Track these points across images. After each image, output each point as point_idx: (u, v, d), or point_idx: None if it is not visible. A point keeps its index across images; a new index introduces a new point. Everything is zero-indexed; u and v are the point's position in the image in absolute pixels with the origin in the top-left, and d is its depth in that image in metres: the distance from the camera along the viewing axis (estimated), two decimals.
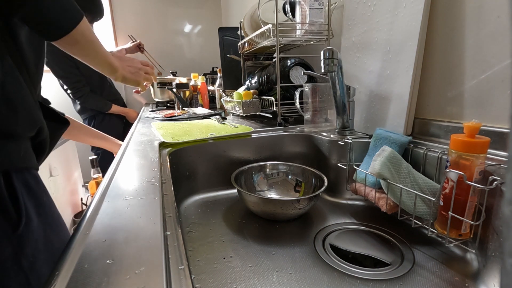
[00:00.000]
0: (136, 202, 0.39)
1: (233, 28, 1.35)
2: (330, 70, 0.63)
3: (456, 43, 0.56)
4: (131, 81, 0.71)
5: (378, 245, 0.52)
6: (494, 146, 0.48)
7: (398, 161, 0.54)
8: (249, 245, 0.53)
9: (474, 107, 0.53)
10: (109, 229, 0.32)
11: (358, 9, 0.75)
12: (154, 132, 0.88)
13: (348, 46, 0.80)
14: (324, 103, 0.83)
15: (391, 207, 0.53)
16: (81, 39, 0.51)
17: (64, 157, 1.45)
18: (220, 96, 1.51)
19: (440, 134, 0.60)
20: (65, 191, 1.41)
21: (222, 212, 0.66)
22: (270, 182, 0.74)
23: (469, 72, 0.54)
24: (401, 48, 0.63)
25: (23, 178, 0.45)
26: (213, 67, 2.10)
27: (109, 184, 0.46)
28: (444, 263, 0.46)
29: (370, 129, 0.73)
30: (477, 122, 0.40)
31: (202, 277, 0.44)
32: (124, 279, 0.24)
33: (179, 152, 0.70)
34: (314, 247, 0.52)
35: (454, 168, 0.42)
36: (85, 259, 0.27)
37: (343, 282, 0.43)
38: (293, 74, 0.91)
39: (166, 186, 0.46)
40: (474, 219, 0.42)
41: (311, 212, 0.65)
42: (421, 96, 0.64)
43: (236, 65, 1.33)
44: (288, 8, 0.94)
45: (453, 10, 0.56)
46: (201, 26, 2.81)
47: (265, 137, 0.80)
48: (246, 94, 1.01)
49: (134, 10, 2.58)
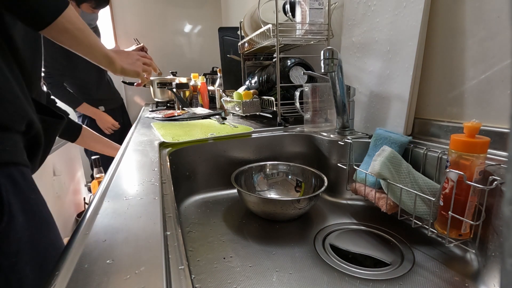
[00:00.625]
0: (136, 202, 0.39)
1: (233, 28, 1.35)
2: (330, 70, 0.63)
3: (456, 43, 0.56)
4: (130, 72, 0.70)
5: (378, 245, 0.52)
6: (494, 146, 0.48)
7: (398, 161, 0.54)
8: (249, 245, 0.53)
9: (474, 107, 0.53)
10: (109, 229, 0.32)
11: (358, 9, 0.75)
12: (154, 132, 0.88)
13: (348, 46, 0.80)
14: (324, 103, 0.83)
15: (391, 207, 0.53)
16: (70, 27, 0.51)
17: (67, 157, 1.45)
18: (220, 96, 1.51)
19: (440, 134, 0.60)
20: (68, 191, 1.41)
21: (222, 212, 0.66)
22: (270, 182, 0.74)
23: (469, 72, 0.54)
24: (401, 48, 0.63)
25: (9, 173, 0.44)
26: (213, 67, 2.10)
27: (109, 184, 0.46)
28: (444, 263, 0.46)
29: (370, 129, 0.73)
30: (477, 122, 0.40)
31: (202, 277, 0.44)
32: (124, 279, 0.24)
33: (179, 152, 0.70)
34: (314, 247, 0.52)
35: (454, 168, 0.42)
36: (85, 259, 0.27)
37: (343, 282, 0.43)
38: (293, 74, 0.91)
39: (166, 186, 0.46)
40: (474, 219, 0.42)
41: (311, 212, 0.65)
42: (421, 96, 0.64)
43: (236, 65, 1.33)
44: (288, 8, 0.94)
45: (453, 10, 0.56)
46: (201, 26, 2.81)
47: (265, 137, 0.80)
48: (246, 94, 1.01)
49: (134, 10, 2.58)
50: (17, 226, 0.43)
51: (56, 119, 0.58)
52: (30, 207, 0.47)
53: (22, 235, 0.44)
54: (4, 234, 0.41)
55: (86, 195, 1.67)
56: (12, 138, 0.45)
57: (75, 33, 0.52)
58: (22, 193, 0.45)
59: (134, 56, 0.72)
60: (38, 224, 0.48)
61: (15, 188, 0.44)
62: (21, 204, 0.44)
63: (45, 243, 0.49)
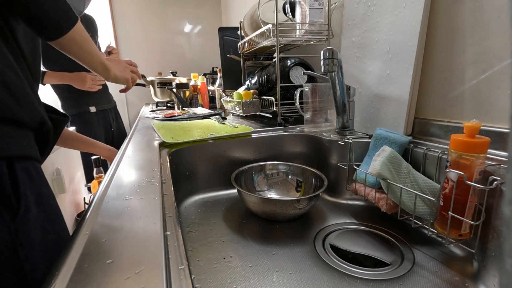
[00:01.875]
0: (136, 202, 0.39)
1: (233, 28, 1.35)
2: (330, 70, 0.63)
3: (456, 43, 0.56)
4: (121, 79, 0.73)
5: (378, 245, 0.52)
6: (494, 146, 0.48)
7: (398, 161, 0.54)
8: (249, 245, 0.53)
9: (474, 107, 0.53)
10: (109, 229, 0.32)
11: (358, 9, 0.75)
12: (154, 132, 0.88)
13: (348, 46, 0.80)
14: (324, 103, 0.83)
15: (391, 207, 0.53)
16: (77, 38, 0.54)
17: (68, 157, 1.45)
18: (220, 96, 1.51)
19: (440, 134, 0.60)
20: (68, 191, 1.41)
21: (222, 212, 0.66)
22: (270, 182, 0.74)
23: (469, 72, 0.54)
24: (401, 48, 0.63)
25: (25, 167, 0.46)
26: (213, 67, 2.10)
27: (109, 184, 0.46)
28: (444, 263, 0.46)
29: (370, 129, 0.73)
30: (477, 122, 0.40)
31: (202, 277, 0.44)
32: (124, 279, 0.24)
33: (179, 152, 0.70)
34: (314, 247, 0.52)
35: (454, 168, 0.42)
36: (85, 259, 0.27)
37: (343, 282, 0.43)
38: (293, 74, 0.91)
39: (166, 186, 0.46)
40: (474, 219, 0.42)
41: (311, 212, 0.65)
42: (421, 96, 0.64)
43: (236, 65, 1.33)
44: (288, 8, 0.94)
45: (453, 10, 0.56)
46: (201, 26, 2.81)
47: (265, 137, 0.80)
48: (246, 94, 1.01)
49: (134, 10, 2.58)
50: (32, 217, 0.46)
51: (61, 117, 0.60)
52: (42, 200, 0.49)
53: (35, 226, 0.47)
54: (21, 225, 0.44)
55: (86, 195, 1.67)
56: (27, 134, 0.47)
57: (81, 44, 0.56)
58: (36, 186, 0.48)
59: (123, 64, 0.76)
60: (49, 216, 0.51)
61: (31, 181, 0.47)
62: (35, 197, 0.47)
63: (55, 235, 0.52)
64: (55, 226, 0.53)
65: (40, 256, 0.47)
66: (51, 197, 0.53)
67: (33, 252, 0.46)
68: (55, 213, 0.54)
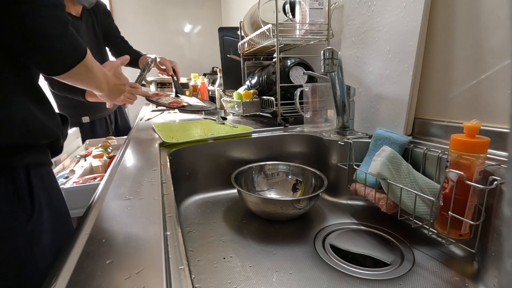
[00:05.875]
0: (136, 202, 0.39)
1: (233, 28, 1.35)
2: (330, 70, 0.63)
3: (456, 43, 0.56)
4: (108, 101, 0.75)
5: (378, 245, 0.52)
6: (494, 146, 0.48)
7: (398, 161, 0.54)
8: (249, 245, 0.53)
9: (474, 107, 0.53)
10: (109, 229, 0.32)
11: (358, 9, 0.75)
12: (154, 132, 0.88)
13: (348, 46, 0.80)
14: (324, 103, 0.83)
15: (391, 207, 0.53)
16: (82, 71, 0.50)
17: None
18: (220, 96, 1.51)
19: (440, 134, 0.60)
20: None
21: (222, 212, 0.66)
22: (270, 182, 0.74)
23: (469, 72, 0.54)
24: (401, 48, 0.63)
25: (39, 173, 0.49)
26: (213, 67, 2.10)
27: (109, 184, 0.46)
28: (444, 263, 0.46)
29: (370, 129, 0.73)
30: (477, 122, 0.40)
31: (202, 277, 0.44)
32: (124, 279, 0.24)
33: (179, 152, 0.70)
34: (314, 247, 0.52)
35: (454, 168, 0.42)
36: (85, 259, 0.27)
37: (343, 282, 0.43)
38: (293, 74, 0.91)
39: (166, 186, 0.46)
40: (474, 219, 0.42)
41: (311, 212, 0.65)
42: (421, 96, 0.64)
43: (236, 65, 1.33)
44: (288, 8, 0.94)
45: (453, 10, 0.56)
46: (201, 26, 2.81)
47: (265, 137, 0.80)
48: (246, 94, 1.01)
49: (134, 10, 2.58)
50: (44, 219, 0.48)
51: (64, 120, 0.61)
52: (52, 202, 0.52)
53: (48, 227, 0.49)
54: (36, 226, 0.46)
55: None
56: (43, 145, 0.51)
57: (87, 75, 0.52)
58: (48, 190, 0.51)
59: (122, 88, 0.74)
60: (58, 217, 0.53)
61: (43, 185, 0.50)
62: (46, 200, 0.50)
63: (64, 234, 0.54)
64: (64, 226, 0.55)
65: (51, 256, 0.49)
66: (60, 197, 0.56)
67: (46, 253, 0.48)
68: (63, 213, 0.56)
